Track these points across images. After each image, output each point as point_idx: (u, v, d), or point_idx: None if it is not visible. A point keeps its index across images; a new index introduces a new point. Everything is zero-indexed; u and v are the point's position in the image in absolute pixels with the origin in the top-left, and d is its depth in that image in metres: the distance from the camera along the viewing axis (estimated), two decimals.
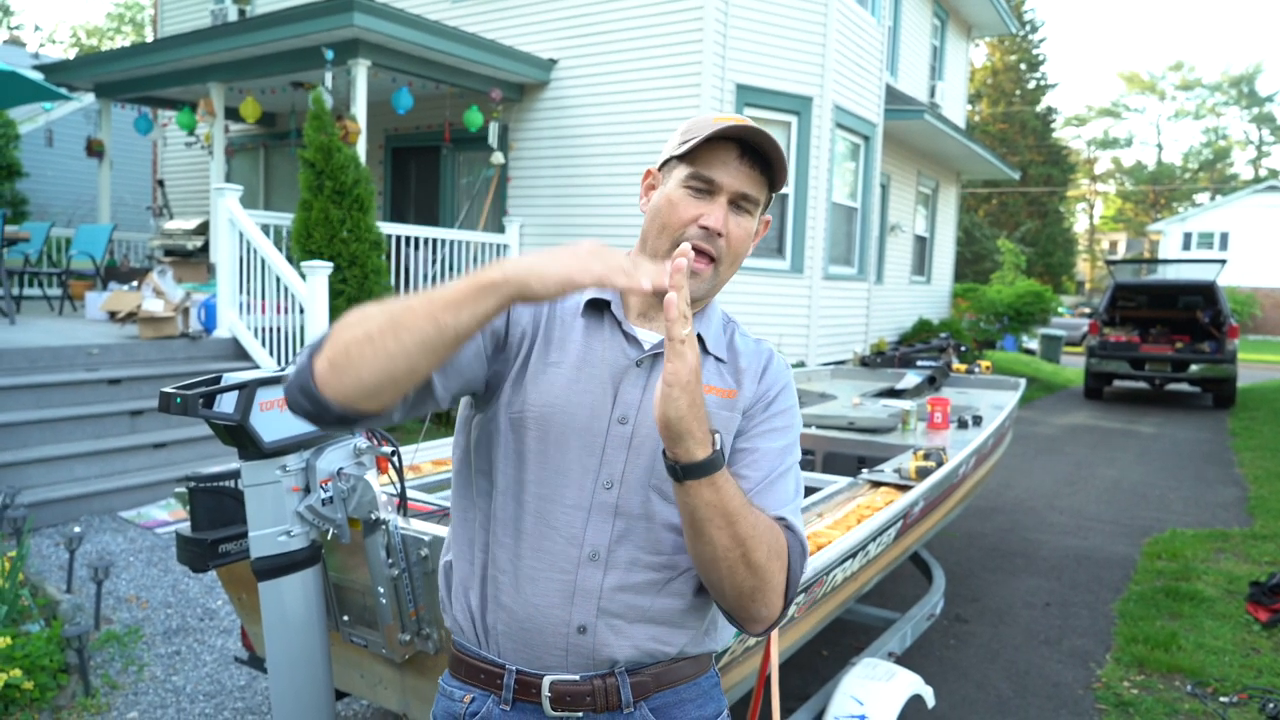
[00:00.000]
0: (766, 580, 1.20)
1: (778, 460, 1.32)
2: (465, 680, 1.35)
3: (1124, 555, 5.75)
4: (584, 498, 1.26)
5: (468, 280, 1.06)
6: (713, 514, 1.14)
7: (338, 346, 1.09)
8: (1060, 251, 38.05)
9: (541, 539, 1.27)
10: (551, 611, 1.26)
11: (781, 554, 1.23)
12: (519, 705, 1.30)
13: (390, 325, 1.07)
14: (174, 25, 13.48)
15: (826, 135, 9.68)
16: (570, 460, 1.27)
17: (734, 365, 1.37)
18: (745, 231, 1.30)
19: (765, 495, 1.29)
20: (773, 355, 1.41)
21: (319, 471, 1.94)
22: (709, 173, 1.27)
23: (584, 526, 1.26)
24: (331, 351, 1.10)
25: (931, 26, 15.34)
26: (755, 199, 1.30)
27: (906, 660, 3.60)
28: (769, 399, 1.36)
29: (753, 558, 1.18)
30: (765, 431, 1.34)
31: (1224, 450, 9.81)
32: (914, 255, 14.95)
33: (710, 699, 1.39)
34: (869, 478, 3.30)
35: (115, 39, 36.55)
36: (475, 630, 1.34)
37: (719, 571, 1.19)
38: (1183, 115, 56.31)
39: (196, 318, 7.36)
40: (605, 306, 1.34)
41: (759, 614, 1.24)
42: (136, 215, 14.00)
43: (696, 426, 1.10)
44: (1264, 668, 3.99)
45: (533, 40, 9.69)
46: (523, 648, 1.29)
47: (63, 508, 5.27)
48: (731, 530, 1.15)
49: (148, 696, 3.42)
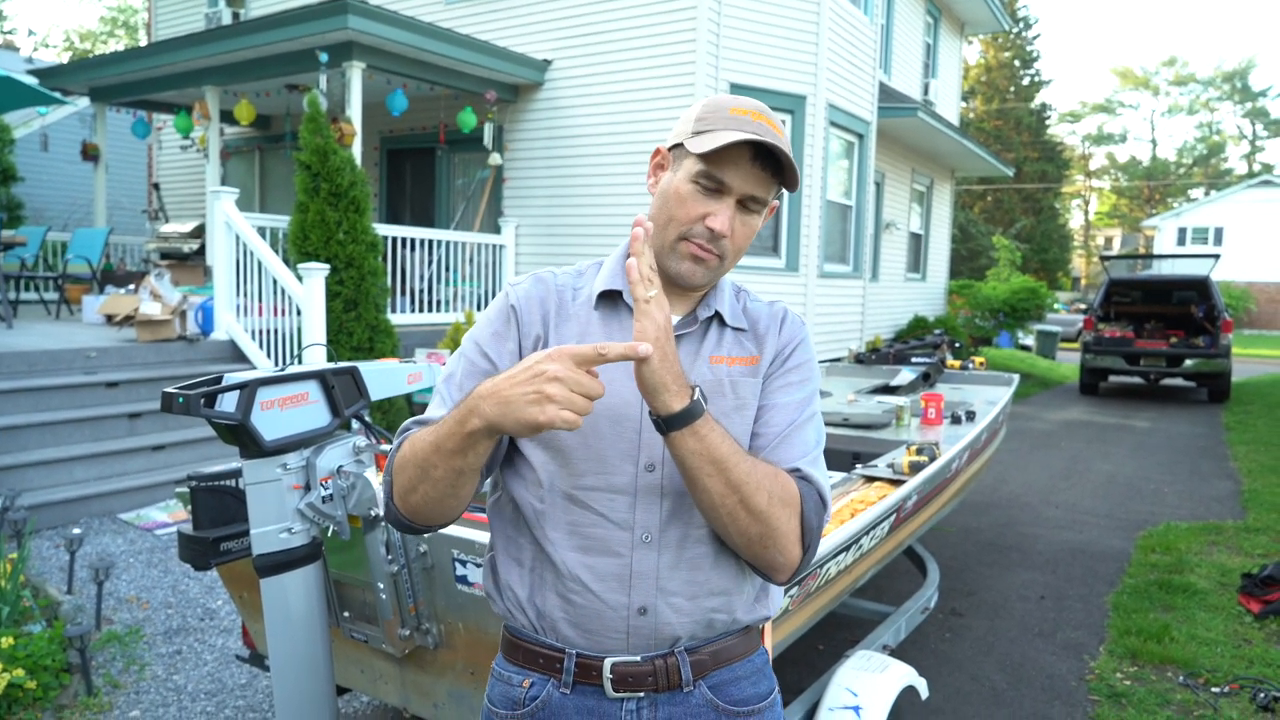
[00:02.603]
0: (773, 526, 1.24)
1: (796, 413, 1.36)
2: (523, 665, 1.37)
3: (1118, 549, 5.79)
4: (629, 483, 1.30)
5: (459, 428, 1.17)
6: (701, 462, 1.19)
7: (400, 493, 1.29)
8: (1055, 248, 38.11)
9: (592, 527, 1.30)
10: (610, 596, 1.29)
11: (790, 501, 1.26)
12: (579, 688, 1.32)
13: (421, 475, 1.25)
14: (168, 29, 13.48)
15: (820, 133, 9.71)
16: (609, 448, 1.30)
17: (753, 332, 1.41)
18: (750, 229, 1.34)
19: (782, 448, 1.33)
20: (786, 313, 1.45)
21: (319, 469, 1.97)
22: (720, 174, 1.28)
23: (632, 511, 1.30)
24: (399, 500, 1.30)
25: (924, 24, 15.39)
26: (763, 199, 1.33)
27: (901, 653, 3.63)
28: (785, 355, 1.40)
29: (752, 503, 1.22)
30: (782, 386, 1.38)
31: (1218, 444, 9.86)
32: (909, 252, 14.99)
33: (764, 676, 1.43)
34: (863, 473, 3.33)
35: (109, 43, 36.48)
36: (530, 618, 1.35)
37: (721, 519, 1.24)
38: (1176, 111, 56.43)
39: (194, 320, 7.38)
40: (618, 296, 1.37)
41: (775, 560, 1.28)
42: (132, 219, 14.00)
43: (671, 379, 1.16)
44: (1255, 658, 4.03)
45: (527, 41, 9.71)
46: (583, 633, 1.31)
47: (62, 510, 5.29)
48: (724, 477, 1.20)
49: (149, 695, 3.45)
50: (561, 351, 1.11)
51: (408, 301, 8.77)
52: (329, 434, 2.03)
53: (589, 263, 1.46)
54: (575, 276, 1.43)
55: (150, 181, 13.58)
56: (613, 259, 1.42)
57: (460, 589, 2.10)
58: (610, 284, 1.37)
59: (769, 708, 1.42)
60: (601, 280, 1.39)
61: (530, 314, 1.36)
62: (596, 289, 1.38)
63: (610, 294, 1.38)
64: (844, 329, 11.09)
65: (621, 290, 1.36)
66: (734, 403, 1.34)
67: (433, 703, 2.34)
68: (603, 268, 1.42)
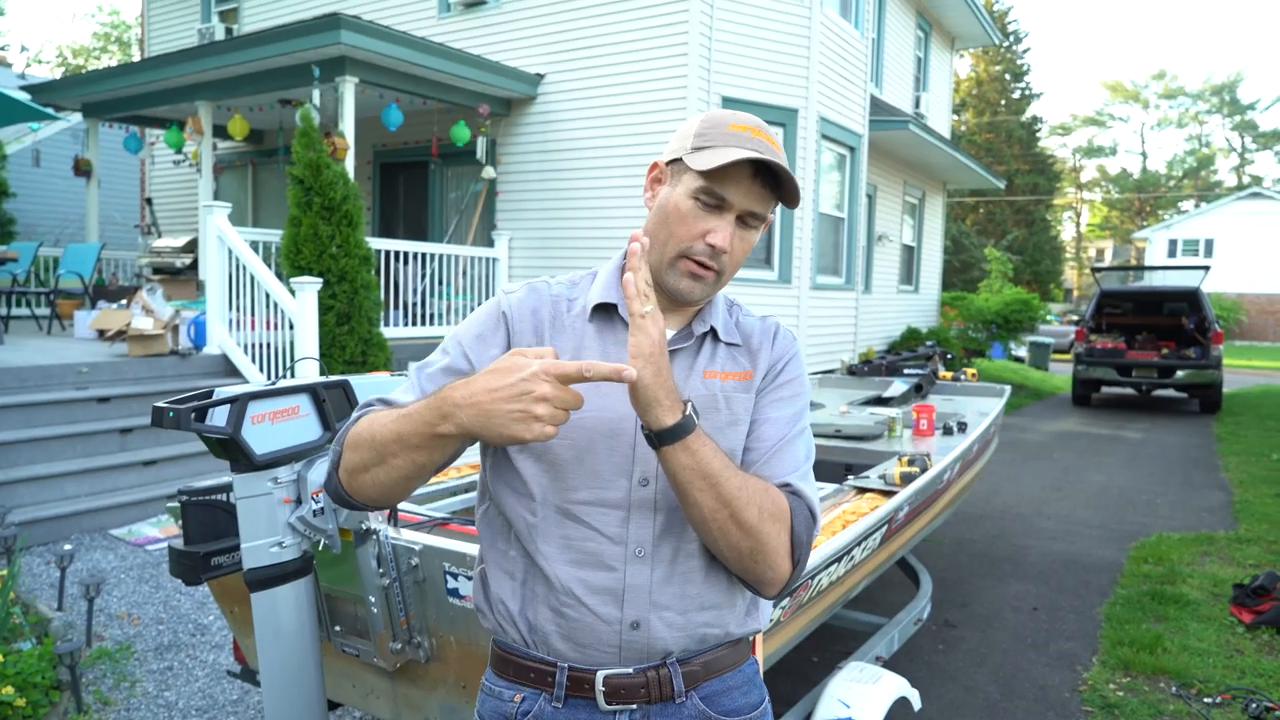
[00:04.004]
0: (763, 541, 1.25)
1: (786, 428, 1.37)
2: (514, 680, 1.37)
3: (1111, 559, 5.80)
4: (622, 498, 1.30)
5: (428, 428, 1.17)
6: (692, 477, 1.20)
7: (348, 469, 1.28)
8: (1047, 260, 38.24)
9: (585, 542, 1.30)
10: (603, 610, 1.29)
11: (780, 516, 1.27)
12: (571, 702, 1.32)
13: (377, 459, 1.24)
14: (161, 44, 13.52)
15: (812, 146, 9.76)
16: (603, 463, 1.30)
17: (746, 347, 1.42)
18: (748, 245, 1.35)
19: (772, 463, 1.34)
20: (778, 328, 1.46)
21: (310, 483, 1.97)
22: (721, 190, 1.29)
23: (625, 525, 1.30)
24: (345, 475, 1.29)
25: (915, 38, 15.49)
26: (762, 215, 1.34)
27: (894, 665, 3.63)
28: (777, 370, 1.41)
29: (742, 518, 1.22)
30: (774, 401, 1.39)
31: (1210, 455, 9.89)
32: (901, 264, 15.05)
33: (754, 686, 1.43)
34: (855, 484, 3.34)
35: (102, 58, 36.51)
36: (521, 632, 1.35)
37: (712, 533, 1.25)
38: (1166, 124, 56.78)
39: (186, 335, 7.37)
40: (613, 309, 1.37)
41: (765, 575, 1.28)
42: (125, 234, 13.99)
43: (664, 395, 1.17)
44: (1247, 669, 4.03)
45: (519, 55, 9.76)
46: (575, 647, 1.31)
47: (53, 526, 5.27)
48: (715, 492, 1.21)
49: (140, 712, 3.43)
50: (547, 369, 1.10)
51: (401, 315, 8.77)
52: (320, 447, 2.04)
53: (583, 273, 1.46)
54: (569, 287, 1.42)
55: (143, 196, 13.59)
56: (607, 271, 1.41)
57: (452, 602, 2.10)
58: (605, 297, 1.37)
59: (760, 717, 1.42)
60: (596, 293, 1.39)
61: (522, 324, 1.36)
62: (591, 301, 1.38)
63: (605, 306, 1.38)
64: (837, 341, 11.12)
65: (617, 303, 1.37)
66: (727, 418, 1.35)
67: (425, 717, 2.33)
68: (597, 279, 1.42)
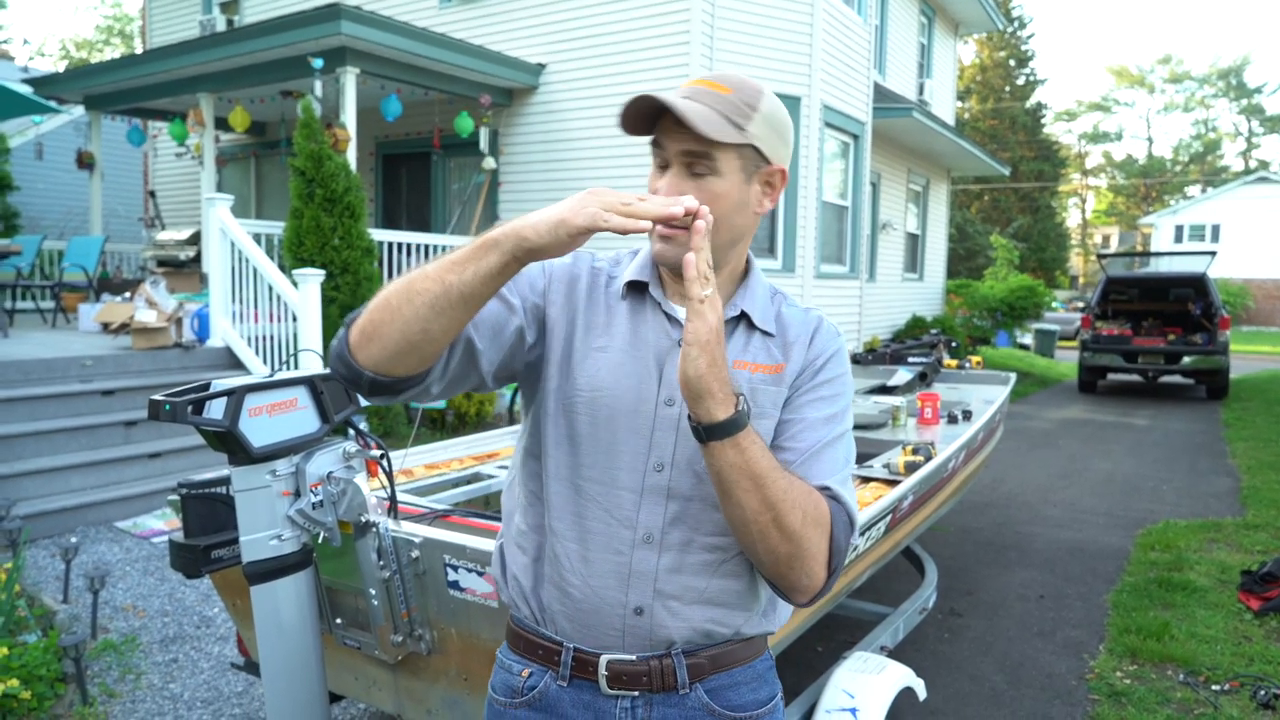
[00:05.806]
0: (803, 547, 1.19)
1: (824, 429, 1.29)
2: (524, 655, 1.37)
3: (1117, 547, 5.78)
4: (635, 481, 1.28)
5: (473, 241, 1.11)
6: (739, 476, 1.14)
7: (367, 315, 1.16)
8: (1053, 246, 38.11)
9: (595, 522, 1.29)
10: (607, 593, 1.28)
11: (821, 522, 1.21)
12: (576, 682, 1.32)
13: (405, 290, 1.12)
14: (162, 37, 13.49)
15: (815, 134, 9.71)
16: (620, 443, 1.28)
17: (782, 339, 1.35)
18: (713, 194, 1.22)
19: (810, 465, 1.27)
20: (821, 322, 1.40)
21: (309, 475, 1.96)
22: (659, 141, 1.26)
23: (636, 509, 1.28)
24: (363, 320, 1.16)
25: (919, 24, 15.39)
26: (702, 153, 1.21)
27: (900, 654, 3.61)
28: (816, 367, 1.34)
29: (785, 522, 1.17)
30: (812, 400, 1.32)
31: (1217, 441, 9.85)
32: (906, 252, 14.99)
33: (765, 682, 1.40)
34: (858, 473, 3.33)
35: (104, 51, 36.49)
36: (532, 609, 1.35)
37: (751, 536, 1.19)
38: (1172, 108, 56.44)
39: (190, 327, 7.37)
40: (645, 288, 1.34)
41: (799, 583, 1.23)
42: (128, 226, 14.00)
43: (717, 386, 1.11)
44: (1255, 655, 4.01)
45: (521, 45, 9.71)
46: (580, 628, 1.31)
47: (58, 519, 5.27)
48: (760, 494, 1.15)
49: (145, 704, 3.44)
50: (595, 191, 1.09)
51: None
52: (319, 440, 2.02)
53: (627, 250, 1.44)
54: (613, 264, 1.40)
55: (146, 189, 13.58)
56: (646, 249, 1.37)
57: (453, 594, 2.09)
58: (638, 274, 1.35)
59: (768, 714, 1.39)
60: (631, 270, 1.36)
61: (559, 283, 1.35)
62: (624, 278, 1.36)
63: (637, 285, 1.35)
64: (842, 329, 10.96)
65: (649, 283, 1.34)
66: (753, 411, 1.29)
67: (426, 709, 2.33)
68: (636, 257, 1.40)
